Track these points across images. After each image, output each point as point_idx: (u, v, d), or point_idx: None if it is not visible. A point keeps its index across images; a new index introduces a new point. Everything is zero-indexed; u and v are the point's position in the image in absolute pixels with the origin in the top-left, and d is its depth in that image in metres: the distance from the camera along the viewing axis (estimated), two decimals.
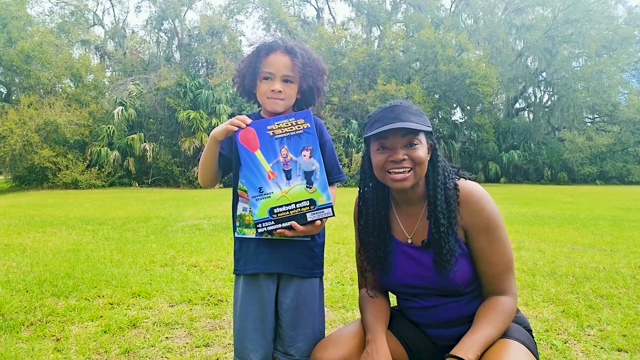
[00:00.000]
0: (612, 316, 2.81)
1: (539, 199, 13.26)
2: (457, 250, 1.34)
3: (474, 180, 1.43)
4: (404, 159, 1.33)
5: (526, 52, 29.35)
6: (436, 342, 1.45)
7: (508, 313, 1.30)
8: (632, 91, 29.62)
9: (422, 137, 1.36)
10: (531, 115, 31.11)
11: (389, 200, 1.50)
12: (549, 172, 28.09)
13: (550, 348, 2.36)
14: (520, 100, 31.20)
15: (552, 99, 30.37)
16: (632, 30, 28.70)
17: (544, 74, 29.77)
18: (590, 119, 31.38)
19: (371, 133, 1.33)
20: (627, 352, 2.31)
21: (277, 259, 1.48)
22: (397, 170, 1.34)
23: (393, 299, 1.61)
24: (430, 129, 1.38)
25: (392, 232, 1.47)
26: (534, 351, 1.28)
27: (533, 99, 31.17)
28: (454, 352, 1.19)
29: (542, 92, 31.30)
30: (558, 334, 2.55)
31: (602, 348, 2.35)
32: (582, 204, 11.40)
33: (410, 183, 1.35)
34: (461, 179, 1.41)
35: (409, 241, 1.44)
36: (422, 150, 1.34)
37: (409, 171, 1.34)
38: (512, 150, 27.11)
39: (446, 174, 1.40)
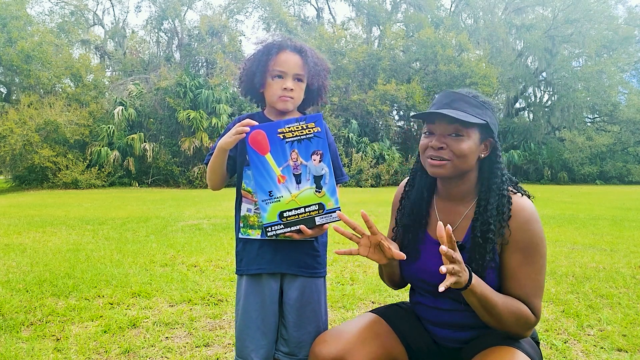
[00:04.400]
0: (612, 316, 2.81)
1: (539, 199, 13.24)
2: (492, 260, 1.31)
3: (529, 198, 1.37)
4: (442, 148, 1.29)
5: (526, 52, 29.33)
6: (439, 342, 1.44)
7: (523, 316, 1.25)
8: (632, 91, 29.58)
9: (472, 131, 1.29)
10: (531, 115, 31.08)
11: (433, 191, 1.47)
12: (549, 172, 28.05)
13: (550, 348, 2.36)
14: (520, 100, 31.16)
15: (552, 98, 30.34)
16: (632, 30, 28.67)
17: (544, 74, 29.75)
18: (590, 118, 31.36)
19: (416, 114, 1.32)
20: (627, 352, 2.31)
21: (281, 259, 1.48)
22: (434, 157, 1.31)
23: (398, 298, 1.60)
24: (485, 123, 1.31)
25: (428, 229, 1.44)
26: None
27: (533, 98, 31.14)
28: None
29: (542, 92, 31.26)
30: (558, 334, 2.55)
31: (602, 348, 2.36)
32: (582, 204, 11.40)
33: (446, 172, 1.30)
34: (517, 193, 1.35)
35: None
36: (466, 144, 1.28)
37: (447, 161, 1.30)
38: (512, 150, 27.08)
39: (504, 179, 1.34)
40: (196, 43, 25.61)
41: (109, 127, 19.61)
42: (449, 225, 1.15)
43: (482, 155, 1.35)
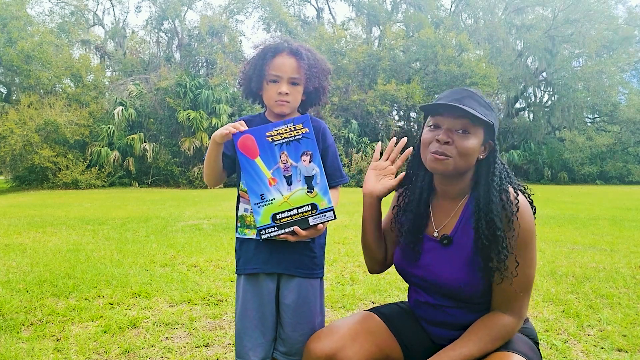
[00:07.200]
0: (612, 316, 2.81)
1: (539, 199, 13.21)
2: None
3: (530, 195, 1.35)
4: (448, 142, 1.26)
5: (526, 52, 29.32)
6: (435, 341, 1.45)
7: (502, 335, 1.25)
8: (632, 91, 29.57)
9: (479, 130, 1.27)
10: (531, 115, 31.07)
11: (431, 191, 1.46)
12: (549, 172, 28.04)
13: (550, 348, 2.37)
14: (520, 100, 31.15)
15: (552, 99, 30.34)
16: (632, 30, 28.66)
17: (544, 74, 29.75)
18: (590, 118, 31.36)
19: (426, 104, 1.30)
20: (627, 352, 2.31)
21: (277, 259, 1.49)
22: (438, 151, 1.27)
23: (398, 298, 1.60)
24: (491, 125, 1.28)
25: (426, 230, 1.45)
26: None
27: (533, 99, 31.14)
28: None
29: (542, 92, 31.26)
30: (558, 334, 2.55)
31: (602, 348, 2.36)
32: (582, 204, 11.39)
33: (445, 168, 1.28)
34: (511, 188, 1.33)
35: (435, 234, 1.40)
36: (471, 142, 1.26)
37: (449, 158, 1.27)
38: (512, 150, 27.08)
39: (503, 176, 1.32)
40: (196, 43, 25.62)
41: (109, 127, 19.62)
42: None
43: (481, 157, 1.34)
